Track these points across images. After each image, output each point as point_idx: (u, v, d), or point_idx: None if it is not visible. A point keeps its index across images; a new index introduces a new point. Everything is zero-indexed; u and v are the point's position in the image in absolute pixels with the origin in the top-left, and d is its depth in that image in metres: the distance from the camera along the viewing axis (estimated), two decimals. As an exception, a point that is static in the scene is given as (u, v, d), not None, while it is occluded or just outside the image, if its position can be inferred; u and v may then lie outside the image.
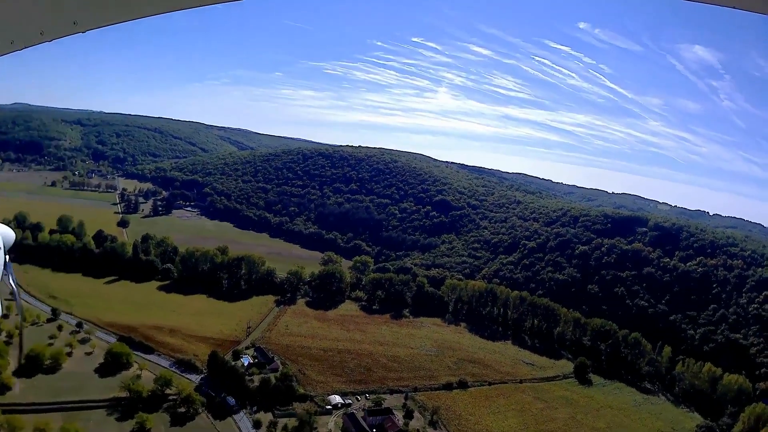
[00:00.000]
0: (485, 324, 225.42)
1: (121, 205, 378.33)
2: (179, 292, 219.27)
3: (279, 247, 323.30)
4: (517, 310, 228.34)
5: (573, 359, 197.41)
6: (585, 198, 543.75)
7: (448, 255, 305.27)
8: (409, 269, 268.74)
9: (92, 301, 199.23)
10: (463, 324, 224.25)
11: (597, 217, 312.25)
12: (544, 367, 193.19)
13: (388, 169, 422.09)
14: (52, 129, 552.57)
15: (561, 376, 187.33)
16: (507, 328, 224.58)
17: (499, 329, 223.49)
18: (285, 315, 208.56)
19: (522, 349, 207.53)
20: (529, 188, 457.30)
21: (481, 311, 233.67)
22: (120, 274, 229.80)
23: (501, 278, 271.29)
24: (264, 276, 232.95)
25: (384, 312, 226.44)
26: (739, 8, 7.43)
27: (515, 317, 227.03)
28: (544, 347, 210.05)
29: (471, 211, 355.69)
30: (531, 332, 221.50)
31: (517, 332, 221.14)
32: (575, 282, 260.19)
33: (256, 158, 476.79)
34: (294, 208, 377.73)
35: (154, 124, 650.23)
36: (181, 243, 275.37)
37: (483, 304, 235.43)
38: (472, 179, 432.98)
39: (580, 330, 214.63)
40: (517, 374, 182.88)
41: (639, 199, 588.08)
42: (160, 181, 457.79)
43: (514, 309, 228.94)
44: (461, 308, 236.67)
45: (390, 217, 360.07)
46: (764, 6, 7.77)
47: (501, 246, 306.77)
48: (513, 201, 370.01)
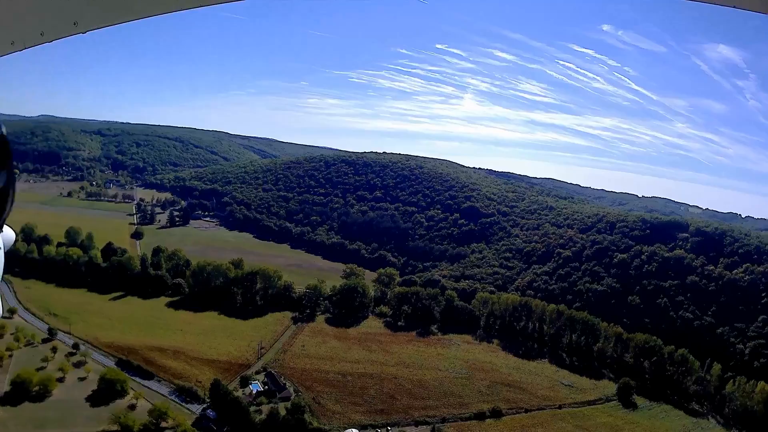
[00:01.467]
0: (519, 340, 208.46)
1: (136, 215, 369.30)
2: (189, 309, 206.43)
3: (300, 258, 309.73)
4: (554, 325, 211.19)
5: (615, 379, 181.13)
6: (615, 202, 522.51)
7: (478, 265, 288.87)
8: (438, 282, 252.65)
9: (93, 319, 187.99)
10: (495, 341, 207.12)
11: (635, 222, 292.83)
12: (585, 389, 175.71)
13: (413, 176, 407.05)
14: (71, 139, 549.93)
15: (603, 399, 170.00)
16: (543, 344, 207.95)
17: (534, 346, 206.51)
18: (302, 334, 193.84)
19: (560, 368, 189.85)
20: (559, 193, 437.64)
21: (515, 326, 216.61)
22: (127, 289, 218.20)
23: (535, 290, 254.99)
24: (281, 291, 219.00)
25: (410, 329, 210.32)
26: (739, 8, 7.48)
27: (552, 333, 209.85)
28: (584, 365, 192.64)
29: (501, 218, 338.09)
30: (569, 349, 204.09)
31: (554, 349, 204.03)
32: (615, 293, 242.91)
33: (278, 166, 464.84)
34: (316, 217, 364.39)
35: (175, 133, 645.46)
36: (196, 255, 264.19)
37: (517, 319, 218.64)
38: (501, 185, 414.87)
39: (622, 346, 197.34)
40: (556, 398, 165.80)
41: (670, 202, 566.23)
42: (179, 190, 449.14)
43: (551, 324, 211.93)
44: (493, 323, 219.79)
45: (416, 225, 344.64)
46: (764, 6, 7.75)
47: (534, 255, 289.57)
48: (545, 207, 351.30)
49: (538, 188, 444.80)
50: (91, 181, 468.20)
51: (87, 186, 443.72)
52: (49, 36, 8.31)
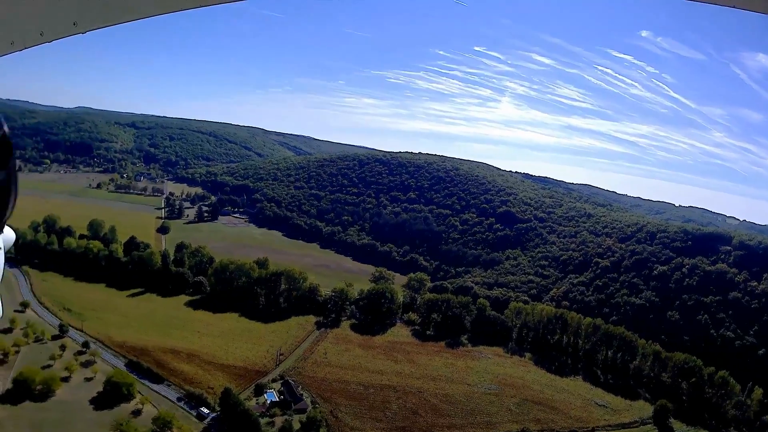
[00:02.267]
0: (553, 355, 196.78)
1: (164, 209, 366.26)
2: (209, 309, 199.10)
3: (328, 259, 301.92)
4: (589, 340, 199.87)
5: (651, 399, 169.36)
6: (652, 211, 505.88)
7: (512, 273, 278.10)
8: (470, 289, 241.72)
9: (108, 316, 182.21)
10: (527, 354, 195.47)
11: (676, 233, 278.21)
12: (619, 409, 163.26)
13: (449, 178, 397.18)
14: (104, 131, 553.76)
15: (638, 421, 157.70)
16: (577, 360, 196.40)
17: (568, 361, 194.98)
18: (325, 340, 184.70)
19: (594, 386, 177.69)
20: (596, 200, 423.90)
21: (549, 340, 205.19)
22: (147, 286, 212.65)
23: (571, 301, 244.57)
24: (305, 293, 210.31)
25: (439, 338, 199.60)
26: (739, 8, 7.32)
27: (587, 348, 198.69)
28: (619, 384, 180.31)
29: (538, 224, 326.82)
30: (604, 366, 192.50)
31: (588, 365, 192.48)
32: (653, 307, 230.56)
33: (311, 164, 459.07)
34: (347, 217, 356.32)
35: (209, 128, 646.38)
36: (222, 252, 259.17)
37: (551, 332, 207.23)
38: (537, 190, 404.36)
39: (660, 365, 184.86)
40: (589, 420, 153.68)
41: (707, 212, 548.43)
42: (210, 185, 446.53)
43: (586, 338, 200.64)
44: (526, 335, 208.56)
45: (450, 229, 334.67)
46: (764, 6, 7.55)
47: (571, 264, 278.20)
48: (583, 214, 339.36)
49: (576, 194, 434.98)
50: (122, 173, 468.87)
51: (117, 178, 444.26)
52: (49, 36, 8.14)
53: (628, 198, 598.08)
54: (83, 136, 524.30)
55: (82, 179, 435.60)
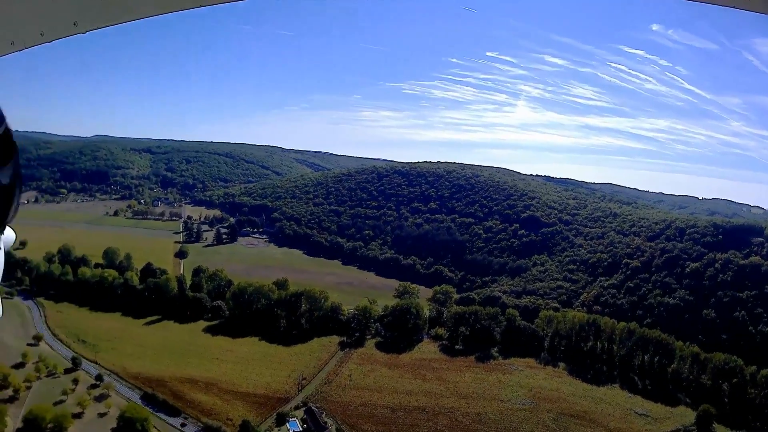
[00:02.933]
0: (587, 363, 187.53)
1: (183, 234, 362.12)
2: (227, 335, 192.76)
3: (351, 275, 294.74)
4: (624, 345, 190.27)
5: (692, 404, 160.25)
6: (676, 206, 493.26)
7: (540, 279, 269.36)
8: (498, 299, 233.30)
9: (124, 347, 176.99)
10: (561, 364, 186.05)
11: (706, 228, 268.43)
12: (660, 417, 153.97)
13: (469, 185, 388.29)
14: (120, 158, 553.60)
15: (681, 429, 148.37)
16: (613, 366, 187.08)
17: (603, 368, 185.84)
18: (349, 361, 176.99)
19: (632, 394, 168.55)
20: (619, 198, 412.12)
21: (583, 347, 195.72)
22: (164, 313, 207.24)
23: (602, 305, 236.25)
24: (327, 313, 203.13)
25: (468, 353, 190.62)
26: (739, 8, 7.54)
27: (622, 353, 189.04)
28: (658, 390, 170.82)
29: (563, 228, 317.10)
30: (641, 371, 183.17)
31: (624, 372, 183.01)
32: (688, 306, 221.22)
33: (329, 179, 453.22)
34: (368, 231, 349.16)
35: (225, 149, 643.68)
36: (241, 274, 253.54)
37: (584, 339, 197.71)
38: (560, 192, 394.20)
39: (699, 367, 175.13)
40: (630, 431, 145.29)
41: (731, 203, 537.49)
42: (228, 207, 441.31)
43: (621, 344, 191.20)
44: (558, 344, 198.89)
45: (474, 237, 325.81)
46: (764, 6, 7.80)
47: (600, 266, 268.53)
48: (609, 214, 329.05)
49: (600, 194, 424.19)
50: (139, 199, 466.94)
51: (134, 204, 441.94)
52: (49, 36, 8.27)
53: (650, 194, 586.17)
54: (99, 164, 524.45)
55: (100, 207, 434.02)
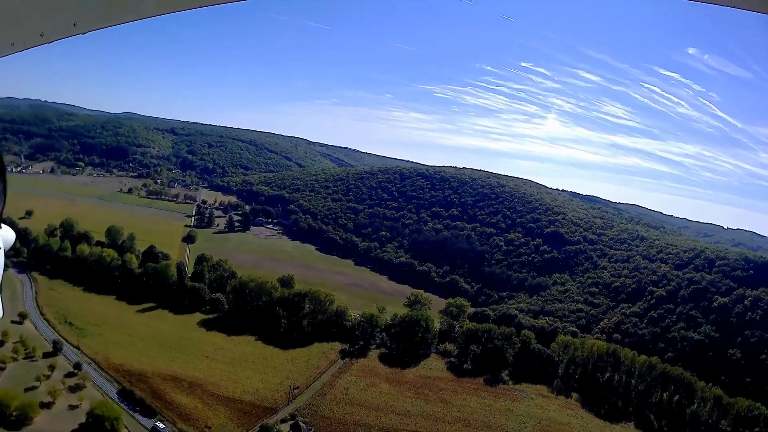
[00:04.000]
0: (602, 395, 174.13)
1: (194, 218, 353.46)
2: (223, 331, 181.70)
3: (362, 277, 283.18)
4: (643, 380, 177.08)
5: None
6: (701, 233, 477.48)
7: (559, 299, 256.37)
8: (513, 317, 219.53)
9: (111, 334, 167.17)
10: (574, 395, 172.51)
11: (737, 261, 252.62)
12: None
13: (494, 194, 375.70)
14: (142, 136, 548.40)
15: None
16: (629, 402, 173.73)
17: (618, 403, 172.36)
18: (349, 372, 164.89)
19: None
20: (645, 221, 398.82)
21: (599, 378, 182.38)
22: (160, 301, 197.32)
23: (623, 333, 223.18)
24: (331, 317, 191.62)
25: (477, 374, 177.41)
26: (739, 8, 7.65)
27: (640, 389, 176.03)
28: None
29: (588, 247, 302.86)
30: (658, 409, 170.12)
31: (640, 408, 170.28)
32: (713, 344, 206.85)
33: (350, 176, 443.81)
34: (385, 232, 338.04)
35: (249, 136, 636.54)
36: (249, 265, 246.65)
37: (601, 370, 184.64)
38: (587, 209, 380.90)
39: (720, 411, 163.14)
40: None
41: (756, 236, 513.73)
42: (245, 194, 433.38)
43: (640, 378, 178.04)
44: (573, 372, 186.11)
45: (494, 249, 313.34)
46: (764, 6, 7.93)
47: (623, 292, 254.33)
48: (636, 236, 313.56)
49: (626, 215, 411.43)
50: (156, 179, 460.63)
51: (150, 183, 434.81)
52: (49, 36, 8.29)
53: (674, 219, 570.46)
54: (120, 140, 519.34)
55: (115, 184, 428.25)
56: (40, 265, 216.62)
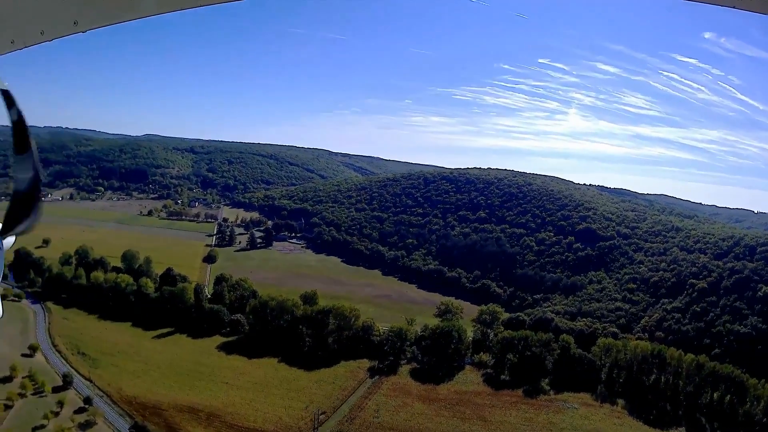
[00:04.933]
0: (649, 400, 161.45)
1: (215, 236, 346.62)
2: (244, 354, 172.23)
3: (390, 288, 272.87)
4: (691, 381, 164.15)
5: None
6: (732, 219, 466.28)
7: (597, 299, 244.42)
8: (550, 321, 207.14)
9: (125, 363, 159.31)
10: (620, 402, 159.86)
11: None
12: None
13: (521, 194, 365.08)
14: (161, 157, 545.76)
15: None
16: (678, 404, 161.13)
17: (667, 407, 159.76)
18: (379, 392, 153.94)
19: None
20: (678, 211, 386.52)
21: (645, 381, 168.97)
22: (178, 325, 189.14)
23: (666, 330, 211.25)
24: (358, 333, 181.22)
25: (515, 384, 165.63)
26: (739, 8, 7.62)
27: (689, 390, 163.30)
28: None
29: (622, 242, 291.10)
30: (708, 411, 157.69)
31: (690, 411, 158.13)
32: (761, 336, 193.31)
33: (373, 184, 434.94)
34: (412, 240, 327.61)
35: (270, 150, 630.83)
36: (272, 282, 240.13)
37: (647, 372, 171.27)
38: (617, 203, 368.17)
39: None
40: None
41: None
42: (267, 209, 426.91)
43: (688, 379, 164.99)
44: (617, 376, 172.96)
45: (525, 250, 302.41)
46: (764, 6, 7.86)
47: (663, 286, 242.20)
48: (671, 228, 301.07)
49: (657, 206, 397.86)
50: (176, 199, 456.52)
51: (170, 204, 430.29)
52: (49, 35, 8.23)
53: (703, 207, 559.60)
54: (138, 163, 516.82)
55: (135, 207, 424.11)
56: (54, 294, 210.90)
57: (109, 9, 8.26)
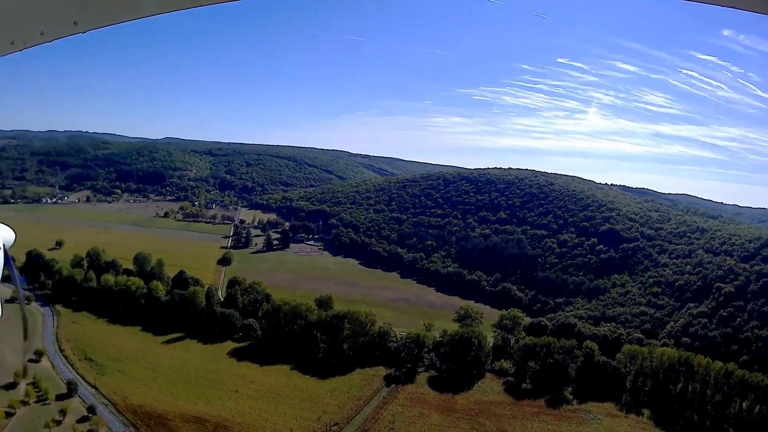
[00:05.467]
0: (676, 410, 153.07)
1: (231, 238, 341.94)
2: (255, 360, 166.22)
3: (408, 291, 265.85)
4: (719, 390, 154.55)
5: None
6: (755, 219, 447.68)
7: (621, 303, 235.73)
8: (573, 326, 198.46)
9: (132, 369, 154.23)
10: (646, 411, 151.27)
11: None
12: None
13: (543, 194, 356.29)
14: (179, 159, 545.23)
15: None
16: (705, 414, 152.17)
17: (694, 417, 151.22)
18: (395, 401, 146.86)
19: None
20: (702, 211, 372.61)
21: (671, 390, 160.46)
22: (188, 330, 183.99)
23: (692, 336, 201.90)
24: (374, 339, 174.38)
25: (537, 394, 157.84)
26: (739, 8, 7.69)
27: (718, 399, 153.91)
28: None
29: (646, 243, 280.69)
30: (737, 421, 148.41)
31: (718, 421, 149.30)
32: None
33: (392, 185, 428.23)
34: (431, 242, 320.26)
35: (288, 152, 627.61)
36: (288, 285, 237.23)
37: (673, 380, 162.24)
38: (641, 203, 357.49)
39: None
40: None
41: None
42: (284, 211, 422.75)
43: (716, 388, 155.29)
44: (643, 385, 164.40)
45: (547, 252, 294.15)
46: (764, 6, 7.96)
47: (688, 290, 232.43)
48: (695, 228, 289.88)
49: (681, 206, 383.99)
50: (193, 201, 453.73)
51: (187, 206, 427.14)
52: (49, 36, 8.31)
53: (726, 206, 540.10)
54: (156, 165, 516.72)
55: (151, 209, 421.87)
56: (64, 297, 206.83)
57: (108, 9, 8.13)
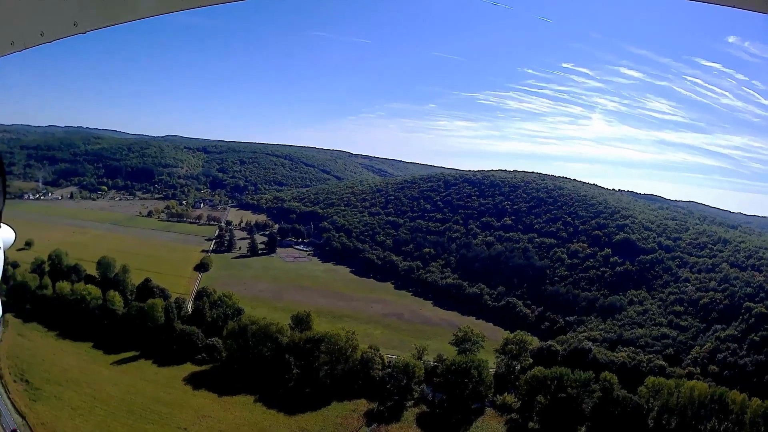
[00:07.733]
0: None
1: (213, 241, 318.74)
2: (214, 389, 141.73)
3: (402, 305, 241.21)
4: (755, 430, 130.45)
5: None
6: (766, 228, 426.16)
7: (639, 323, 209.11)
8: (587, 351, 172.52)
9: (71, 396, 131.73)
10: None
11: None
12: None
13: (551, 198, 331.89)
14: (170, 156, 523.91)
15: None
16: None
17: None
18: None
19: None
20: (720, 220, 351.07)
21: (700, 430, 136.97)
22: (144, 348, 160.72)
23: (720, 364, 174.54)
24: (355, 367, 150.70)
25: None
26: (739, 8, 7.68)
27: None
28: None
29: (665, 255, 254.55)
30: None
31: None
32: None
33: (389, 186, 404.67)
34: (429, 249, 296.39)
35: (285, 151, 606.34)
36: (269, 296, 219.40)
37: (704, 417, 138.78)
38: (654, 210, 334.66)
39: None
40: None
41: None
42: (275, 212, 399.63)
43: (753, 428, 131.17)
44: (668, 423, 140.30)
45: (556, 263, 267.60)
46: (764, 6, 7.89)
47: (714, 310, 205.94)
48: (717, 240, 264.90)
49: (698, 215, 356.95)
50: (181, 200, 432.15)
51: (173, 205, 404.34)
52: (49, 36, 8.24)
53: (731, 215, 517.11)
54: (146, 162, 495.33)
55: (136, 207, 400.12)
56: (19, 305, 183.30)
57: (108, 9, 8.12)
